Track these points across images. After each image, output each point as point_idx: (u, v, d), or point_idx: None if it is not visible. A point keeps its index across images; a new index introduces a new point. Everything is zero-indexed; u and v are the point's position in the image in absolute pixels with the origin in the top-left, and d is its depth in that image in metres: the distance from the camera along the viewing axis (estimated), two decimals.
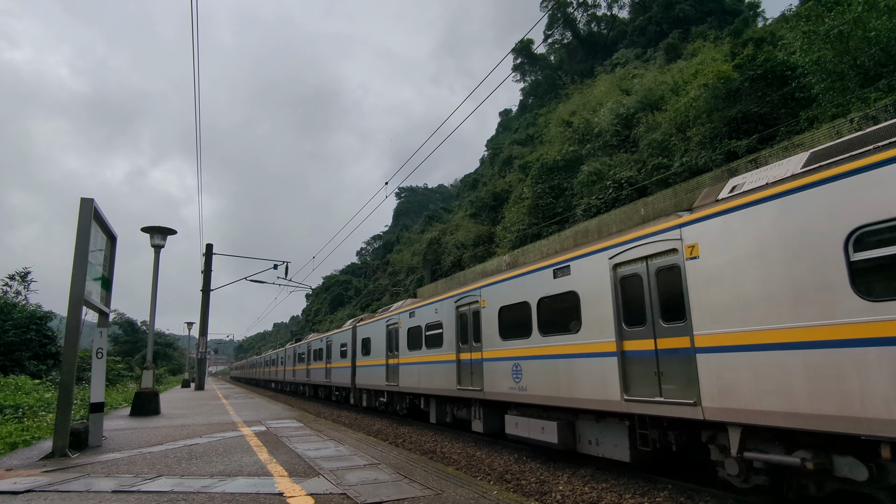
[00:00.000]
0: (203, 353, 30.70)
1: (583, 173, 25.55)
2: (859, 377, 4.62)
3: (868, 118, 12.70)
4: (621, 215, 19.03)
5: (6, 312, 21.36)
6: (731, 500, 6.33)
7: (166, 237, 15.31)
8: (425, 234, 54.67)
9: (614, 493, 6.91)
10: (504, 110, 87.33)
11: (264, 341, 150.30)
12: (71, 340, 7.91)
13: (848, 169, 4.95)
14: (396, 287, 50.19)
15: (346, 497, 5.11)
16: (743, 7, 52.49)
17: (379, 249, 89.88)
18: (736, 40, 30.08)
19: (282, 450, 8.10)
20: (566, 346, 8.42)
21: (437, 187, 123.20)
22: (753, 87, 18.97)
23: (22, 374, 18.68)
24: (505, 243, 29.74)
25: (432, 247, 44.78)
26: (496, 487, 6.20)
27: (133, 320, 60.64)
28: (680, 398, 6.29)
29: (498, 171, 50.77)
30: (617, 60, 50.89)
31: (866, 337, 4.58)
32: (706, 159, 18.83)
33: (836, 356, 4.80)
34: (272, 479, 5.95)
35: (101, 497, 5.30)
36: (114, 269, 10.33)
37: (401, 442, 12.16)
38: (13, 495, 5.33)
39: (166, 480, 5.98)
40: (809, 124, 16.07)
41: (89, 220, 8.11)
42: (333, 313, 74.34)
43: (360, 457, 7.46)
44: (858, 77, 15.61)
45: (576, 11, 67.12)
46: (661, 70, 35.45)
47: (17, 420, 11.32)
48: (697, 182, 16.75)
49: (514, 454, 9.96)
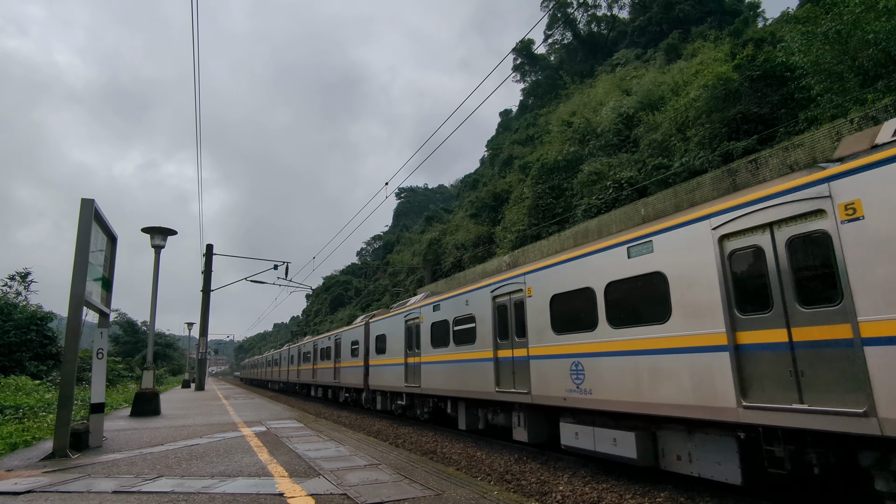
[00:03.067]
0: (203, 354, 30.70)
1: (583, 173, 25.54)
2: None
3: (868, 118, 12.69)
4: (622, 215, 19.04)
5: (7, 313, 21.36)
6: (730, 500, 6.33)
7: (167, 237, 15.32)
8: (425, 234, 54.70)
9: (615, 494, 6.90)
10: (504, 110, 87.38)
11: (265, 341, 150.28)
12: (71, 341, 7.92)
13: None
14: (396, 287, 50.20)
15: (347, 497, 5.12)
16: (743, 7, 52.49)
17: (379, 250, 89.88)
18: (736, 40, 30.08)
19: (282, 450, 8.10)
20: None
21: (437, 187, 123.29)
22: (753, 88, 18.97)
23: (22, 375, 18.68)
24: (505, 244, 29.74)
25: (432, 247, 44.79)
26: (496, 488, 6.20)
27: (133, 320, 60.69)
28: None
29: (498, 171, 50.78)
30: (617, 61, 50.89)
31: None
32: (703, 160, 18.82)
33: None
34: (273, 479, 5.96)
35: (101, 497, 5.30)
36: (114, 269, 10.35)
37: (401, 442, 12.16)
38: (14, 496, 5.34)
39: (167, 481, 5.98)
40: (809, 125, 16.06)
41: (90, 220, 8.12)
42: (334, 314, 74.36)
43: (360, 457, 7.46)
44: (858, 78, 15.61)
45: (576, 12, 67.14)
46: (661, 70, 35.44)
47: (18, 420, 11.31)
48: (698, 182, 16.75)
49: (514, 454, 9.95)
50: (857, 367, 4.75)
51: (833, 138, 13.29)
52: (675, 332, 6.59)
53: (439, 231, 47.10)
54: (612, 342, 7.56)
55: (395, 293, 46.68)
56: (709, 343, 6.10)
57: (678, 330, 6.55)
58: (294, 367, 35.61)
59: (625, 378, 7.23)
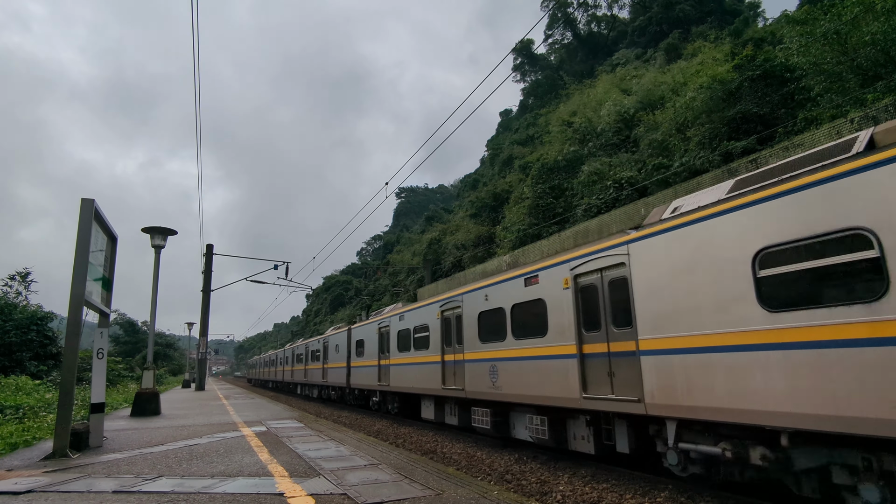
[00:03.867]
0: (203, 354, 30.71)
1: (583, 173, 25.55)
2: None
3: (868, 118, 12.69)
4: (622, 215, 19.03)
5: (7, 313, 21.36)
6: (731, 501, 6.33)
7: (167, 237, 15.32)
8: (425, 234, 54.71)
9: (615, 494, 6.91)
10: (504, 110, 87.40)
11: (265, 342, 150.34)
12: (71, 341, 7.92)
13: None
14: (397, 287, 50.19)
15: (347, 497, 5.12)
16: (743, 7, 52.52)
17: (379, 250, 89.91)
18: (736, 40, 30.08)
19: (282, 450, 8.11)
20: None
21: (437, 187, 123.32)
22: (753, 88, 18.97)
23: (22, 375, 18.67)
24: (505, 243, 29.74)
25: (433, 247, 44.80)
26: (497, 488, 6.20)
27: (134, 320, 60.70)
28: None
29: (498, 171, 50.79)
30: (617, 60, 50.91)
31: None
32: (703, 160, 18.82)
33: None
34: (273, 479, 5.96)
35: (101, 497, 5.30)
36: (114, 269, 10.35)
37: (401, 442, 12.17)
38: (14, 496, 5.34)
39: (167, 481, 5.98)
40: (808, 125, 16.06)
41: (90, 220, 8.12)
42: (334, 314, 74.37)
43: (360, 457, 7.46)
44: (858, 78, 15.62)
45: (576, 11, 67.15)
46: (661, 70, 35.45)
47: (18, 420, 11.32)
48: (698, 182, 16.73)
49: (514, 454, 9.97)
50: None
51: (833, 138, 13.29)
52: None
53: (439, 231, 47.12)
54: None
55: (395, 293, 46.66)
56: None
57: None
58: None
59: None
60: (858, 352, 4.63)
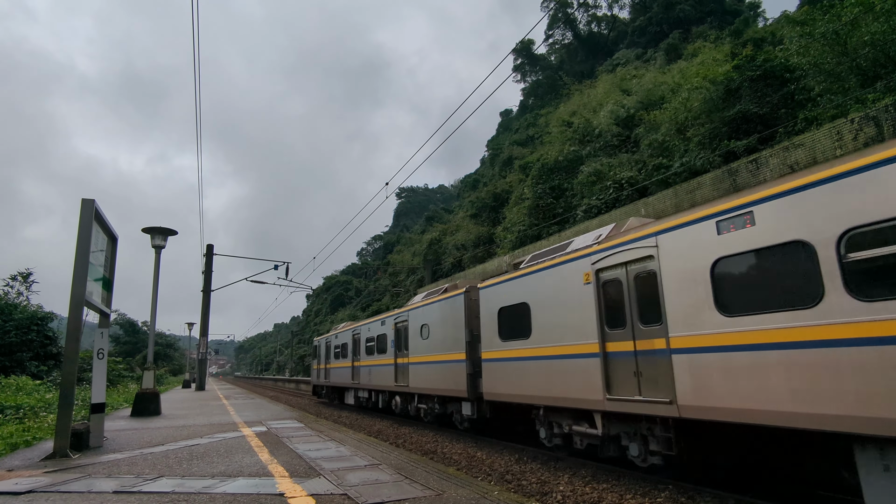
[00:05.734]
0: (204, 354, 30.72)
1: (583, 174, 25.54)
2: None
3: (868, 118, 12.69)
4: (622, 215, 19.03)
5: (7, 313, 21.36)
6: (731, 501, 6.33)
7: (167, 237, 15.31)
8: (426, 234, 54.66)
9: (615, 494, 6.90)
10: (504, 110, 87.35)
11: (265, 342, 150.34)
12: (72, 341, 7.92)
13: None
14: (397, 287, 50.20)
15: (347, 497, 5.12)
16: (743, 7, 52.49)
17: (379, 250, 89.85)
18: (736, 40, 30.07)
19: (283, 450, 8.11)
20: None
21: (437, 187, 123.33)
22: (753, 88, 18.96)
23: (23, 375, 18.66)
24: (505, 244, 29.73)
25: (433, 247, 44.78)
26: (497, 488, 6.20)
27: (134, 321, 60.70)
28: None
29: (498, 171, 50.76)
30: (617, 61, 50.90)
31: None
32: (703, 161, 18.81)
33: None
34: (273, 479, 5.96)
35: (102, 497, 5.31)
36: (115, 269, 10.35)
37: (401, 442, 12.16)
38: (14, 496, 5.34)
39: (167, 481, 5.98)
40: (808, 125, 16.05)
41: (90, 220, 8.12)
42: (334, 314, 74.35)
43: (360, 457, 7.46)
44: (858, 78, 15.61)
45: (576, 12, 67.14)
46: (661, 70, 35.44)
47: (19, 421, 11.31)
48: (698, 182, 16.75)
49: (514, 454, 9.97)
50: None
51: (833, 138, 13.29)
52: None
53: (439, 231, 47.08)
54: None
55: (396, 293, 46.66)
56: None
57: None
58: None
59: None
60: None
